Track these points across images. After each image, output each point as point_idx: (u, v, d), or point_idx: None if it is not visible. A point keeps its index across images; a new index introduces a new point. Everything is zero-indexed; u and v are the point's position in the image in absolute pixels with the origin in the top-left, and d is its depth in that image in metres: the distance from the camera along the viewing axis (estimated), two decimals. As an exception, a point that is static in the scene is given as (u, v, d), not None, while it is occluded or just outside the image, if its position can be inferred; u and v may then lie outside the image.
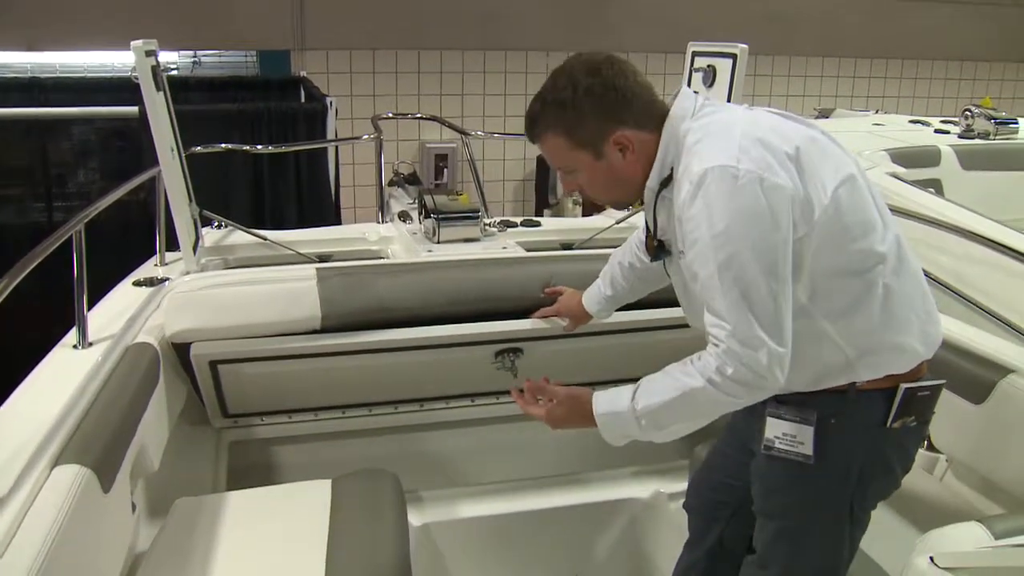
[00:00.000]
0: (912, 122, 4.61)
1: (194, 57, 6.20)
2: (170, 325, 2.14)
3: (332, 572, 1.67)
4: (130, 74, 2.28)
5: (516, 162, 6.54)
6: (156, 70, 2.27)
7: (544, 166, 6.07)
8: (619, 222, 2.92)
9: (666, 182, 1.53)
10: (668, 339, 2.34)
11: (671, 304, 1.76)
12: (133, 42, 2.18)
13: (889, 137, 4.06)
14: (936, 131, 4.33)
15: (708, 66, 2.60)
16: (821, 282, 1.45)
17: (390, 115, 5.20)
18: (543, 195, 6.17)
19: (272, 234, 2.89)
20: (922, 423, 1.56)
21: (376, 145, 3.55)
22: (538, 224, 3.18)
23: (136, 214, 3.89)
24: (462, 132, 3.91)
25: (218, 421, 2.43)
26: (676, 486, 2.28)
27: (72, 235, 1.93)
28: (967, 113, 4.22)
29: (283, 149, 4.11)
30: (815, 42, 7.08)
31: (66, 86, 4.76)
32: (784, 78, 7.13)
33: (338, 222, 4.43)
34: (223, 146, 3.27)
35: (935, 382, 1.54)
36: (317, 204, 4.37)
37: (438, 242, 2.76)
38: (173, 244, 2.55)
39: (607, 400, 1.57)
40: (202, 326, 2.13)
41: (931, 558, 1.38)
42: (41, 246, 1.81)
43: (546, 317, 2.25)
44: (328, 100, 4.42)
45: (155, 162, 2.40)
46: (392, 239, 3.00)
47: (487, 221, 2.97)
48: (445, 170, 6.35)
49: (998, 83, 7.83)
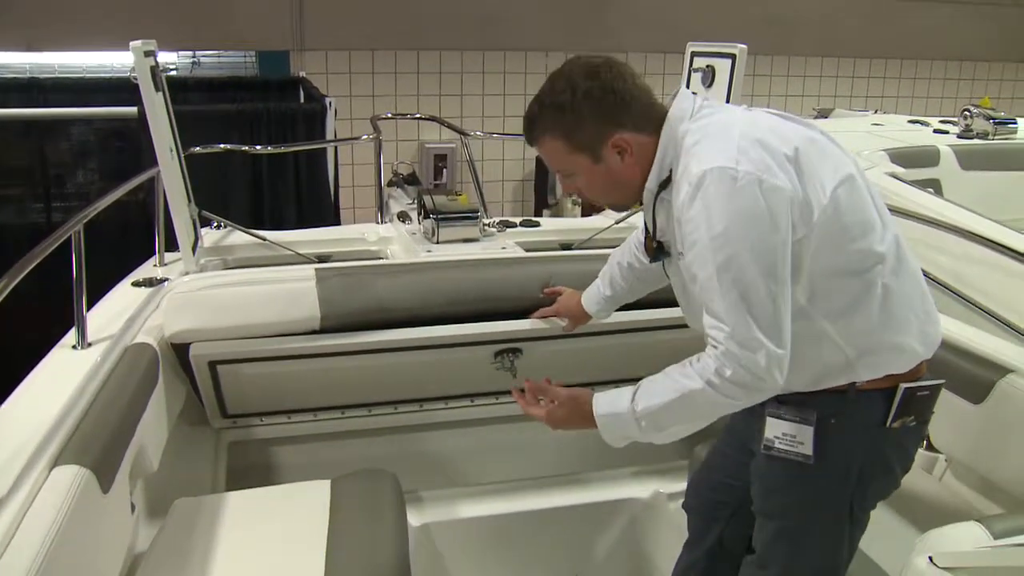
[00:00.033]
0: (911, 122, 4.61)
1: (193, 57, 6.20)
2: (169, 325, 2.14)
3: (331, 572, 1.67)
4: (129, 74, 2.28)
5: (515, 162, 6.54)
6: (155, 70, 2.27)
7: (543, 167, 6.04)
8: (618, 222, 2.92)
9: (665, 183, 1.53)
10: (667, 339, 2.34)
11: (670, 304, 1.76)
12: (132, 42, 2.18)
13: (888, 137, 4.06)
14: (935, 131, 4.33)
15: (707, 66, 2.60)
16: (820, 283, 1.45)
17: (389, 115, 5.20)
18: (542, 195, 6.17)
19: (271, 234, 2.89)
20: (921, 423, 1.57)
21: (375, 145, 3.55)
22: (537, 224, 3.17)
23: (135, 214, 3.89)
24: (461, 132, 3.91)
25: (217, 421, 2.43)
26: (676, 486, 2.29)
27: (71, 235, 1.93)
28: (966, 113, 4.22)
29: (282, 150, 4.11)
30: (814, 43, 7.08)
31: (65, 86, 4.76)
32: (783, 78, 7.14)
33: (337, 222, 4.43)
34: (222, 146, 3.27)
35: (934, 382, 1.54)
36: (316, 204, 4.37)
37: (437, 242, 2.75)
38: (172, 244, 2.55)
39: (607, 401, 1.57)
40: (201, 326, 2.13)
41: (930, 558, 1.38)
42: (40, 246, 1.81)
43: (545, 317, 2.25)
44: (327, 100, 4.42)
45: (154, 162, 2.40)
46: (391, 239, 3.00)
47: (486, 221, 2.97)
48: (444, 170, 6.34)
49: (997, 83, 7.84)
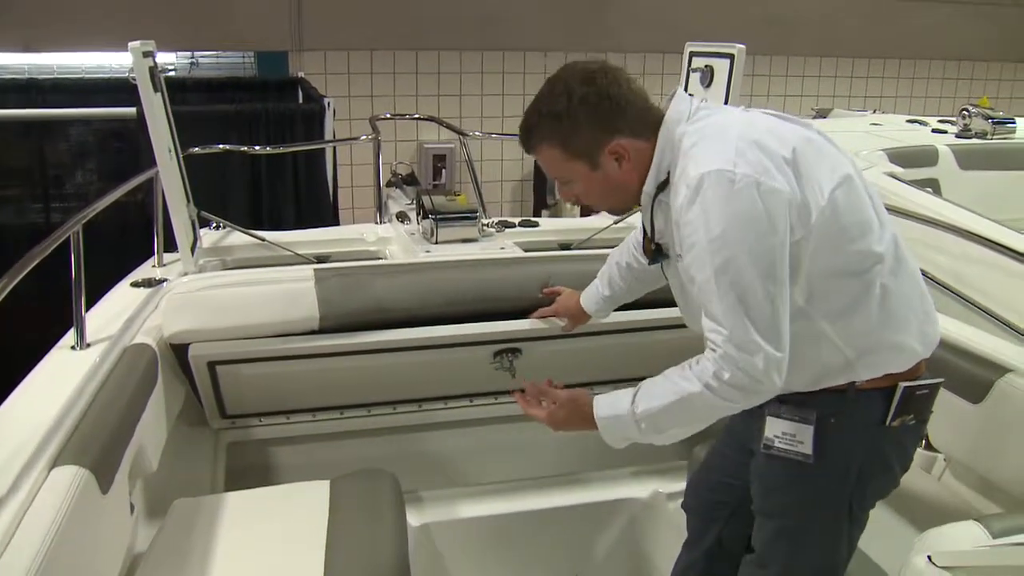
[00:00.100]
0: (910, 122, 4.61)
1: (192, 58, 6.20)
2: (168, 326, 2.14)
3: (331, 573, 1.67)
4: (127, 75, 2.27)
5: (514, 162, 6.53)
6: (154, 71, 2.27)
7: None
8: (616, 222, 2.92)
9: (663, 186, 1.53)
10: (666, 339, 2.34)
11: (669, 304, 1.76)
12: (131, 43, 2.18)
13: (887, 137, 4.06)
14: (934, 131, 4.33)
15: (706, 66, 2.60)
16: (819, 283, 1.45)
17: (388, 116, 5.22)
18: (541, 195, 6.16)
19: (270, 235, 2.89)
20: (921, 421, 1.57)
21: (374, 146, 3.55)
22: (536, 224, 3.17)
23: (134, 215, 3.89)
24: (460, 132, 3.90)
25: (216, 422, 2.43)
26: (675, 486, 2.29)
27: (70, 236, 1.93)
28: (964, 113, 4.22)
29: (281, 150, 4.11)
30: (813, 43, 7.08)
31: (64, 87, 4.76)
32: (782, 78, 7.14)
33: (336, 223, 4.43)
34: (221, 147, 3.27)
35: (933, 380, 1.54)
36: (315, 205, 4.37)
37: (436, 243, 2.75)
38: (171, 245, 2.54)
39: (607, 403, 1.58)
40: (200, 327, 2.13)
41: (929, 557, 1.38)
42: (39, 247, 1.81)
43: (544, 317, 2.25)
44: (326, 101, 4.42)
45: (153, 163, 2.40)
46: (390, 240, 3.00)
47: (485, 221, 2.97)
48: (443, 171, 6.34)
49: (995, 83, 7.84)
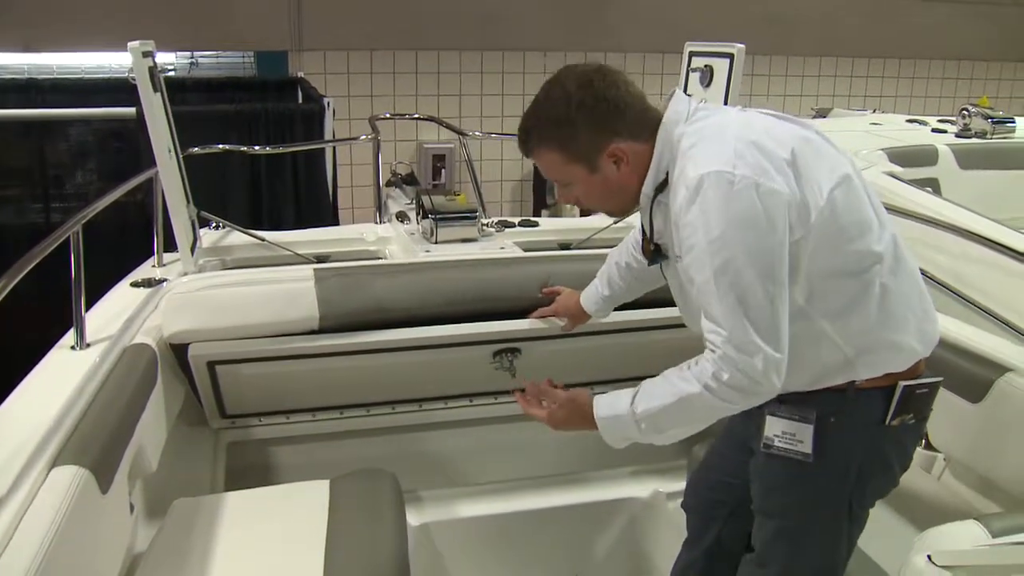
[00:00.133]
0: (909, 121, 4.61)
1: (191, 58, 6.20)
2: (168, 326, 2.14)
3: (330, 572, 1.67)
4: (127, 75, 2.27)
5: (514, 162, 6.53)
6: (153, 71, 2.27)
7: (542, 167, 6.06)
8: (616, 222, 2.91)
9: (661, 187, 1.53)
10: (666, 339, 2.34)
11: (669, 304, 1.76)
12: (130, 43, 2.17)
13: (886, 136, 4.06)
14: (933, 130, 4.33)
15: (705, 66, 2.60)
16: (818, 283, 1.45)
17: (387, 116, 5.22)
18: (541, 195, 6.17)
19: (270, 235, 2.89)
20: (920, 420, 1.57)
21: (374, 146, 3.55)
22: (536, 224, 3.17)
23: (134, 215, 3.89)
24: (459, 132, 3.90)
25: (216, 422, 2.43)
26: (674, 485, 2.29)
27: (70, 236, 1.93)
28: (964, 112, 4.22)
29: (280, 150, 4.11)
30: (813, 43, 7.08)
31: (64, 87, 4.76)
32: (782, 77, 7.14)
33: (336, 223, 4.43)
34: (220, 147, 3.27)
35: (933, 379, 1.54)
36: (315, 205, 4.37)
37: (436, 242, 2.75)
38: (171, 245, 2.54)
39: (607, 404, 1.58)
40: (200, 327, 2.13)
41: (929, 556, 1.38)
42: (39, 247, 1.81)
43: (544, 317, 2.25)
44: (325, 101, 4.42)
45: (153, 163, 2.40)
46: (390, 239, 3.00)
47: (485, 221, 2.97)
48: (443, 170, 6.35)
49: (995, 82, 7.84)
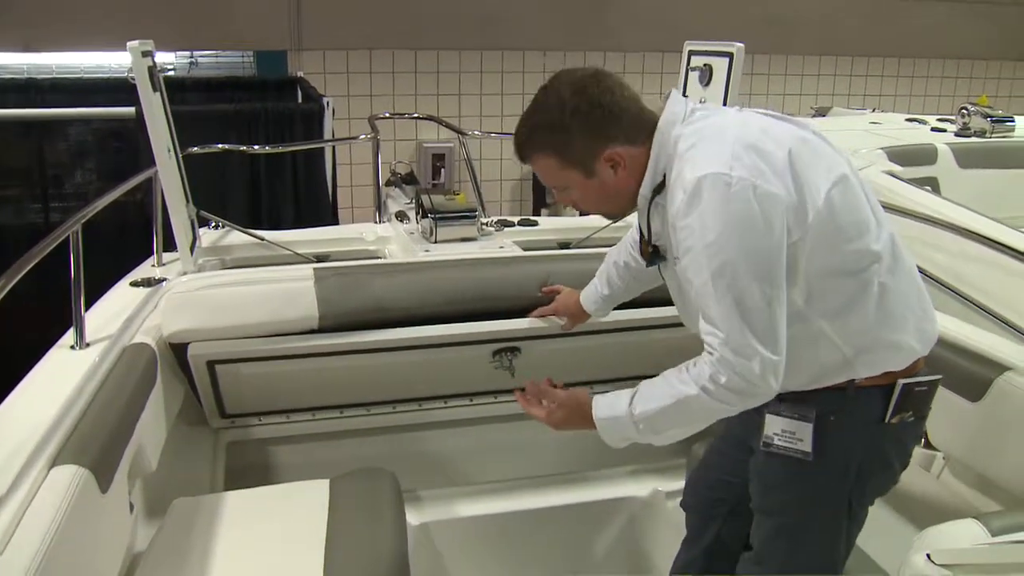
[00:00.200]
0: (909, 120, 4.61)
1: (191, 58, 6.20)
2: (167, 325, 2.14)
3: (330, 572, 1.67)
4: (127, 75, 2.27)
5: (513, 161, 6.45)
6: (152, 71, 2.27)
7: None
8: (615, 221, 2.92)
9: (659, 188, 1.53)
10: (665, 338, 2.34)
11: (668, 303, 1.76)
12: (129, 43, 2.17)
13: (886, 135, 4.07)
14: (933, 129, 4.33)
15: (704, 65, 2.59)
16: (816, 283, 1.45)
17: (387, 115, 5.21)
18: (540, 194, 6.16)
19: (269, 234, 2.89)
20: (919, 418, 1.57)
21: (373, 145, 3.55)
22: (535, 223, 3.17)
23: (133, 215, 3.88)
24: (459, 132, 3.90)
25: (216, 421, 2.43)
26: (674, 484, 2.29)
27: (69, 235, 1.93)
28: (963, 111, 4.23)
29: (280, 149, 4.11)
30: (813, 42, 7.08)
31: (63, 87, 4.75)
32: (781, 77, 7.14)
33: (335, 222, 4.42)
34: (220, 146, 3.26)
35: (932, 377, 1.54)
36: (314, 204, 4.36)
37: (435, 242, 2.75)
38: (170, 244, 2.54)
39: (606, 404, 1.58)
40: (199, 326, 2.13)
41: (928, 555, 1.38)
42: (38, 247, 1.81)
43: (544, 316, 2.25)
44: (325, 100, 4.42)
45: (152, 163, 2.40)
46: (389, 239, 2.99)
47: (484, 220, 2.97)
48: (442, 170, 6.34)
49: (995, 81, 7.84)
